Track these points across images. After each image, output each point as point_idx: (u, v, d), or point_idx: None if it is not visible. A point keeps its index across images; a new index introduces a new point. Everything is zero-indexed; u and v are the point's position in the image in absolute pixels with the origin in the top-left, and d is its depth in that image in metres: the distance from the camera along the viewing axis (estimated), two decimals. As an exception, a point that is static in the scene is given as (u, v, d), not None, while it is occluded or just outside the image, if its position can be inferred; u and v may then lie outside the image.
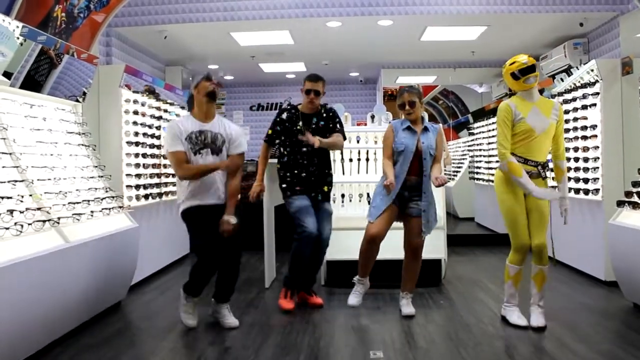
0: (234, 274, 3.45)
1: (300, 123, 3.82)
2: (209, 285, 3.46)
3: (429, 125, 3.63)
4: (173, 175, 5.43)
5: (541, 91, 5.42)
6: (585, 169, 4.58)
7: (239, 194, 3.45)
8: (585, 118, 4.63)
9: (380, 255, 3.63)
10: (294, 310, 3.77)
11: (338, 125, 3.92)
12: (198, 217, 3.34)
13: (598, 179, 4.43)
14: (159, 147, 5.12)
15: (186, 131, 3.33)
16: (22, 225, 2.80)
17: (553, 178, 3.56)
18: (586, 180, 4.57)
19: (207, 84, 3.38)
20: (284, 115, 3.89)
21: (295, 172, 3.83)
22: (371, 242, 3.53)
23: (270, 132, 3.93)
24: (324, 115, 3.90)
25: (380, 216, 3.50)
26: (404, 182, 3.52)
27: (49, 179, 3.31)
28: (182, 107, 5.81)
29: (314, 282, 4.03)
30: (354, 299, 3.66)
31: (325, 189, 3.91)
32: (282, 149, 3.91)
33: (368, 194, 4.79)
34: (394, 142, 3.55)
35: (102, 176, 3.97)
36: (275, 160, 3.99)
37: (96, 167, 3.97)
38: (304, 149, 3.79)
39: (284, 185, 3.87)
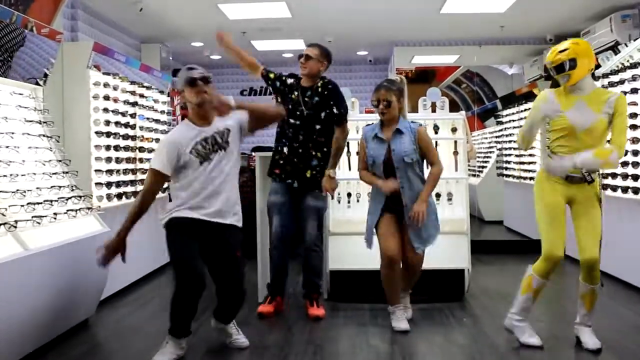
0: (239, 297, 3.24)
1: (296, 93, 4.00)
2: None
3: (406, 126, 3.59)
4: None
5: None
6: (635, 164, 4.54)
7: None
8: (634, 104, 4.59)
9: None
10: (293, 328, 3.77)
11: (335, 109, 3.92)
12: (184, 229, 3.12)
13: (651, 175, 4.41)
14: (133, 138, 5.12)
15: (187, 146, 3.09)
16: (-28, 230, 2.80)
17: (601, 175, 3.44)
18: (636, 177, 4.54)
19: (192, 90, 3.08)
20: (290, 81, 4.09)
21: (279, 148, 4.02)
22: (391, 266, 3.58)
23: (273, 75, 4.12)
24: (320, 90, 3.98)
25: (387, 234, 3.57)
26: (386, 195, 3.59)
27: (4, 176, 3.29)
28: (161, 92, 5.80)
29: (315, 288, 4.04)
30: (400, 324, 3.64)
31: (308, 174, 3.95)
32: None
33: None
34: (365, 155, 3.67)
35: (67, 172, 3.96)
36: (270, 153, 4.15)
37: (60, 161, 3.95)
38: (292, 121, 3.94)
39: (269, 166, 4.06)
